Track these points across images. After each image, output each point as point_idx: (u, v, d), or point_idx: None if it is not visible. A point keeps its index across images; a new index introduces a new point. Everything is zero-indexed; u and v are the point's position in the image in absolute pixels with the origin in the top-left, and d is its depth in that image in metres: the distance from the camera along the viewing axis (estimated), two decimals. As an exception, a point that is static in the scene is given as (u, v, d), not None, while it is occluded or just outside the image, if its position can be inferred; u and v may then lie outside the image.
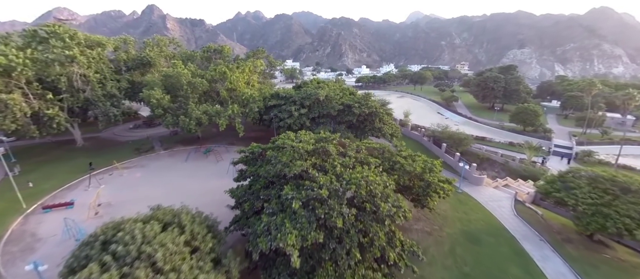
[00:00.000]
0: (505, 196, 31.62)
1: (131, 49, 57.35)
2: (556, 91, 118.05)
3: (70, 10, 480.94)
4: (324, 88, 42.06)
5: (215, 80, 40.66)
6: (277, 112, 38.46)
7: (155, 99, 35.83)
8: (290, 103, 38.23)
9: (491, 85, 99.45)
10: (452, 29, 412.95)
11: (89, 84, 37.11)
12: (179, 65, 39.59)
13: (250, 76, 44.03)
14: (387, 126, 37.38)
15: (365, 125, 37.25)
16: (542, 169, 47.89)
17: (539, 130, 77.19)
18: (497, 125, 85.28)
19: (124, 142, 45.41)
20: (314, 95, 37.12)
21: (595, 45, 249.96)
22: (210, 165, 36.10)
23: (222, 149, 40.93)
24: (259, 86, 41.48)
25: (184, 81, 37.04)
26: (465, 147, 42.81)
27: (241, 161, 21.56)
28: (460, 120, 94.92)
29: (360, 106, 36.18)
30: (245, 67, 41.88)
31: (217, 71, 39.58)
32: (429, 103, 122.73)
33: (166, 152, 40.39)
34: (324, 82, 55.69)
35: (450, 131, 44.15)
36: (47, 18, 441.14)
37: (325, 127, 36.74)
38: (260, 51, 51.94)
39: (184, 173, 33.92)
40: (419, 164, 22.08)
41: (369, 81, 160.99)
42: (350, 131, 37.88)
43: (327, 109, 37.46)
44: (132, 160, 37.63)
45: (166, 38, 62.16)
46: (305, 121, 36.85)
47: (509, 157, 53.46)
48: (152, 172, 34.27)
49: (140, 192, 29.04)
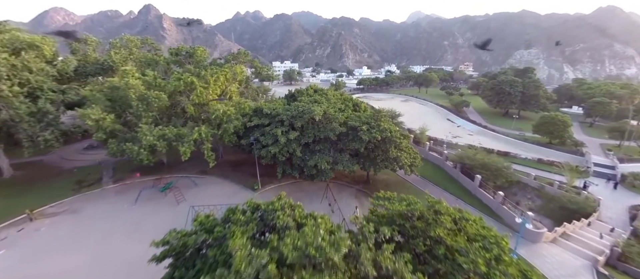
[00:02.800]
0: (579, 263, 22.20)
1: (91, 52, 47.99)
2: (575, 96, 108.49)
3: (67, 10, 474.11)
4: (321, 101, 32.60)
5: (181, 92, 31.23)
6: (259, 135, 29.00)
7: (92, 120, 26.47)
8: (277, 124, 28.77)
9: (507, 89, 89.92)
10: (454, 28, 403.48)
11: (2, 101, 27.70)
12: (131, 74, 30.16)
13: (227, 86, 34.53)
14: (405, 153, 27.90)
15: (376, 154, 27.75)
16: (591, 199, 37.80)
17: (568, 143, 67.74)
18: (517, 136, 75.68)
19: (68, 169, 35.97)
20: (307, 113, 27.66)
21: (606, 46, 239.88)
22: (167, 209, 26.67)
23: (188, 184, 31.46)
24: (237, 99, 31.95)
25: (133, 95, 27.59)
26: (506, 179, 33.28)
27: (164, 257, 11.78)
28: (474, 129, 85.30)
29: (369, 129, 26.70)
30: (219, 76, 32.40)
31: (182, 81, 30.15)
32: (436, 108, 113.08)
33: (114, 188, 30.87)
34: (322, 90, 46.27)
35: (482, 154, 34.32)
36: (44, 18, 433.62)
37: (323, 157, 27.27)
38: (242, 54, 42.28)
39: (128, 225, 24.48)
40: (479, 254, 12.43)
41: (370, 83, 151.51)
42: (355, 160, 28.42)
43: (326, 131, 28.01)
44: (63, 201, 28.12)
45: (137, 38, 52.72)
46: (296, 149, 27.35)
47: (544, 179, 44.08)
48: (83, 224, 24.78)
49: (55, 265, 19.71)
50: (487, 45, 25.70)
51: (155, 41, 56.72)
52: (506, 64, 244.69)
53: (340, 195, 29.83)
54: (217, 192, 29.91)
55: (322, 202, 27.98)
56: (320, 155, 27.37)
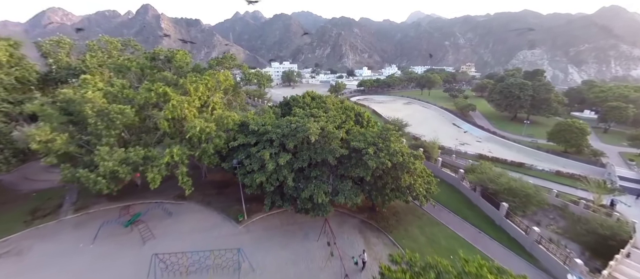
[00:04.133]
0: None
1: (63, 56, 43.15)
2: (587, 99, 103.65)
3: (65, 10, 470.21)
4: (319, 115, 27.78)
5: (153, 105, 26.43)
6: (244, 157, 24.15)
7: (38, 143, 21.67)
8: (265, 143, 23.93)
9: (517, 93, 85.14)
10: (455, 28, 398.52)
11: None
12: (92, 84, 25.35)
13: (209, 97, 29.67)
14: (420, 180, 23.05)
15: (384, 181, 22.91)
16: (624, 222, 32.67)
17: (586, 152, 62.92)
18: (529, 143, 70.81)
19: (28, 193, 31.09)
20: (301, 132, 22.84)
21: (611, 46, 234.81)
22: (128, 252, 21.79)
23: (160, 214, 26.57)
24: (219, 112, 27.02)
25: (90, 111, 22.76)
26: (538, 206, 28.32)
27: None
28: (482, 135, 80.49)
29: (376, 151, 21.87)
30: (199, 85, 27.55)
31: (153, 93, 25.34)
32: (441, 112, 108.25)
33: (73, 219, 25.99)
34: (321, 97, 41.44)
35: (507, 177, 29.10)
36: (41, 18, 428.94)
37: (320, 186, 22.42)
38: (227, 58, 37.13)
39: (78, 277, 19.71)
40: None
41: (371, 84, 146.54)
42: (359, 188, 23.59)
43: (323, 153, 23.19)
44: (9, 238, 23.25)
45: (117, 40, 47.86)
46: (287, 176, 22.50)
47: (567, 196, 39.57)
48: (25, 273, 20.00)
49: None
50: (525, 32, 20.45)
51: (138, 43, 51.83)
52: (509, 65, 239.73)
53: (341, 229, 25.02)
54: (193, 226, 25.10)
55: (319, 240, 23.19)
56: (317, 183, 22.52)
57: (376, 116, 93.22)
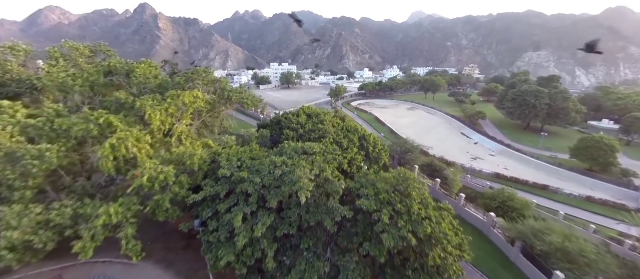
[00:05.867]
0: None
1: (14, 65, 36.53)
2: (603, 106, 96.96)
3: (62, 9, 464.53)
4: (313, 149, 21.18)
5: (93, 139, 19.87)
6: (209, 215, 17.60)
7: None
8: (239, 197, 17.41)
9: (532, 101, 78.51)
10: (458, 29, 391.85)
11: None
12: (9, 113, 18.81)
13: (173, 125, 23.10)
14: (454, 253, 16.44)
15: (405, 257, 16.35)
16: None
17: (614, 170, 56.48)
18: (548, 158, 64.16)
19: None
20: (288, 183, 16.35)
21: (620, 48, 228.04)
22: None
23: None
24: (179, 151, 20.31)
25: (-10, 157, 16.27)
26: (598, 270, 21.58)
27: None
28: (495, 147, 73.76)
29: (393, 218, 15.30)
30: (157, 111, 21.01)
31: (92, 123, 18.81)
32: (447, 119, 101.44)
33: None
34: (318, 116, 34.86)
35: (558, 235, 21.75)
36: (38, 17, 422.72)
37: (313, 264, 15.86)
38: (199, 73, 29.66)
39: None
40: None
41: (373, 88, 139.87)
42: (368, 264, 17.00)
43: (318, 214, 16.65)
44: None
45: (85, 45, 41.32)
46: (267, 250, 15.94)
47: (604, 230, 33.54)
48: None
49: None
50: (595, 47, 13.71)
51: (110, 47, 45.21)
52: (514, 67, 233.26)
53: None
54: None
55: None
56: (310, 259, 15.95)
57: (379, 124, 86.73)
